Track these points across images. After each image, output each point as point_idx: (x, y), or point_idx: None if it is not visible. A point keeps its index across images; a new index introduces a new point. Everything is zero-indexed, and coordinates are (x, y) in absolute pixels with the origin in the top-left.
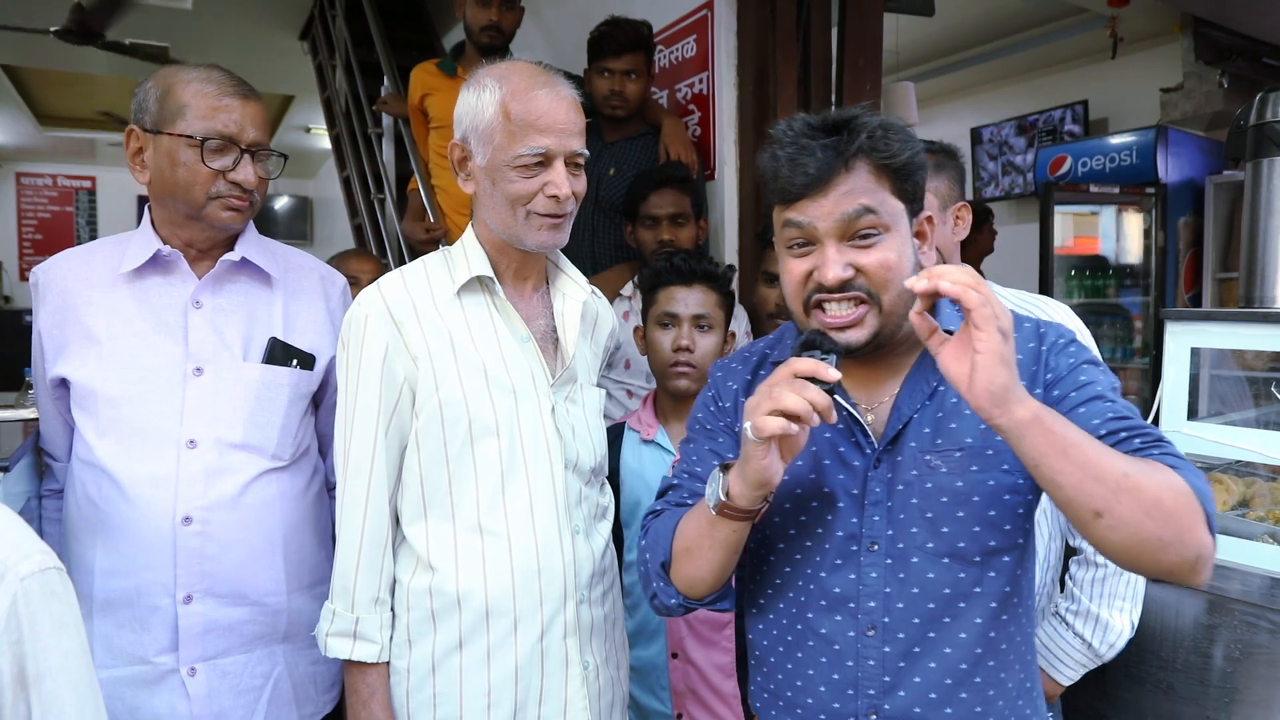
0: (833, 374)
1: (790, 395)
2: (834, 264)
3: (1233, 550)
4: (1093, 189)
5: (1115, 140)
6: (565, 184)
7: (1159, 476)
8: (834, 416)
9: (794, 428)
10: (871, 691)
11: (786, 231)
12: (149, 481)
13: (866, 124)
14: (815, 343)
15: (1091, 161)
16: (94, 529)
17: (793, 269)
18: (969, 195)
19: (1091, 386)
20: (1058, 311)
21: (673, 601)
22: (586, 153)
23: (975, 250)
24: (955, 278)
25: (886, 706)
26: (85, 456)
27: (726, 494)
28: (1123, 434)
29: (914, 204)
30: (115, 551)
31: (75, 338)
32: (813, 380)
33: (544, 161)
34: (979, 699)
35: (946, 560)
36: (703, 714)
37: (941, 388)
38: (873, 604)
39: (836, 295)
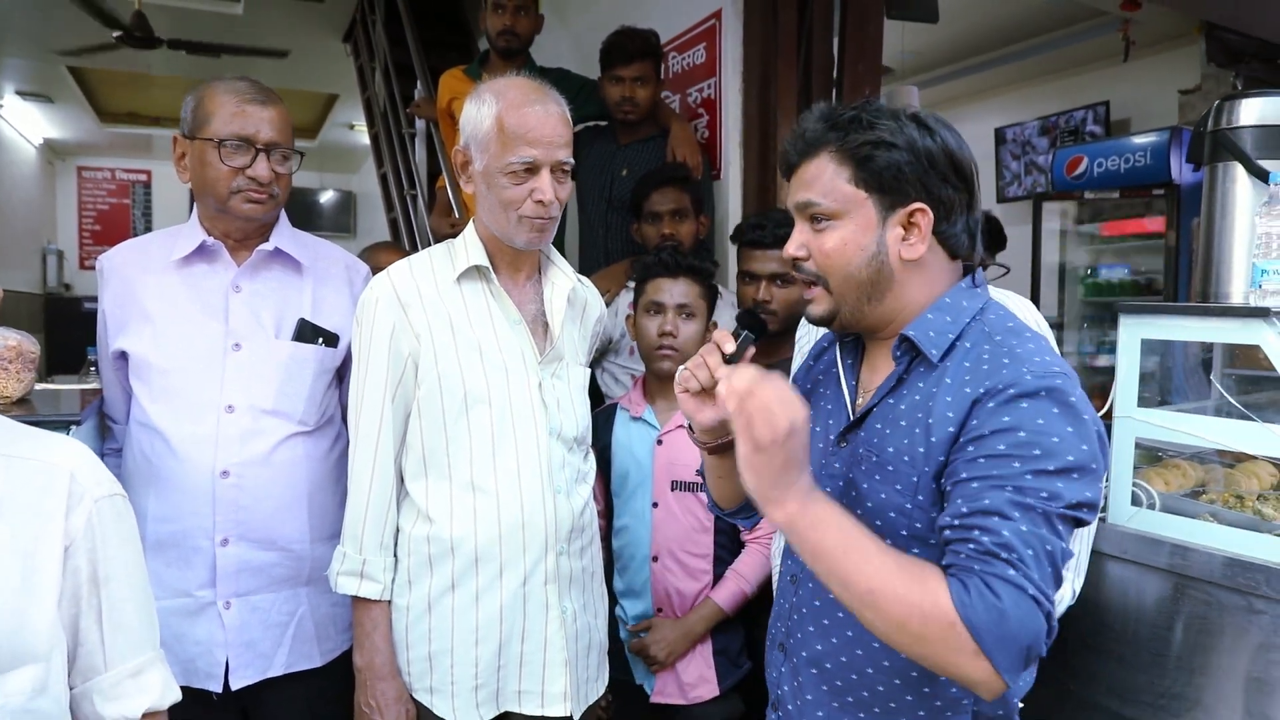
0: (728, 346)
1: (695, 357)
2: (791, 243)
3: (1186, 530)
4: (1087, 195)
5: (1131, 141)
6: (550, 190)
7: (916, 599)
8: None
9: (693, 383)
10: (783, 628)
11: None
12: (193, 440)
13: (839, 116)
14: (741, 319)
15: (1107, 162)
16: (147, 481)
17: None
18: (992, 195)
19: (991, 465)
20: (1019, 307)
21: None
22: (572, 161)
23: None
24: (731, 384)
25: (790, 643)
26: (140, 419)
27: (689, 427)
28: (960, 537)
29: (886, 194)
30: (164, 500)
31: (133, 317)
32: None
33: (532, 169)
34: (874, 658)
35: None
36: (681, 663)
37: (905, 391)
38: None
39: (796, 272)
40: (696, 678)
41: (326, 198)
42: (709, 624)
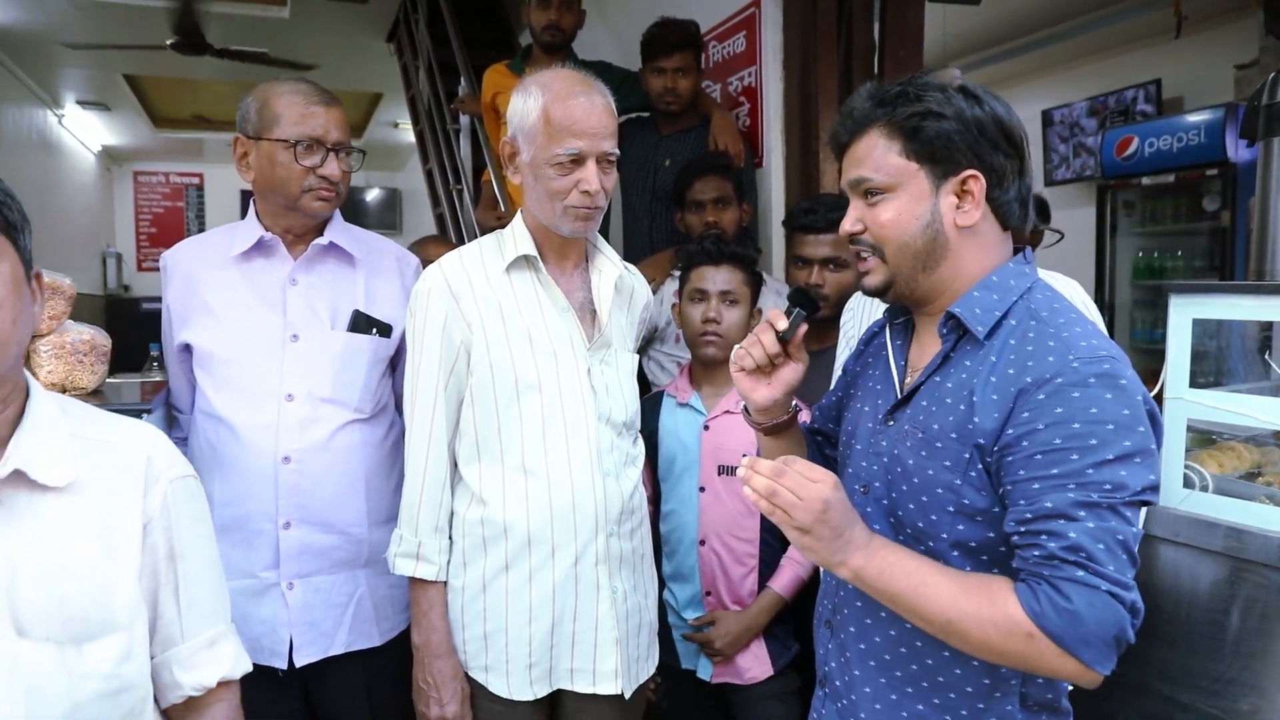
0: (780, 323)
1: (749, 337)
2: (846, 220)
3: (1242, 513)
4: (1144, 181)
5: (1184, 119)
6: (595, 181)
7: (990, 617)
8: (794, 356)
9: (748, 361)
10: (830, 606)
11: None
12: (256, 428)
13: (886, 92)
14: (793, 297)
15: (1159, 142)
16: (212, 467)
17: None
18: (1040, 178)
19: (1049, 462)
20: (1067, 288)
21: None
22: (617, 152)
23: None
24: (754, 485)
25: (836, 620)
26: (205, 408)
27: (745, 408)
28: (1027, 542)
29: (937, 164)
30: (229, 485)
31: (196, 311)
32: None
33: (578, 160)
34: (920, 634)
35: (892, 520)
36: None
37: (952, 369)
38: None
39: (852, 246)
40: (751, 660)
41: (372, 195)
42: (771, 614)
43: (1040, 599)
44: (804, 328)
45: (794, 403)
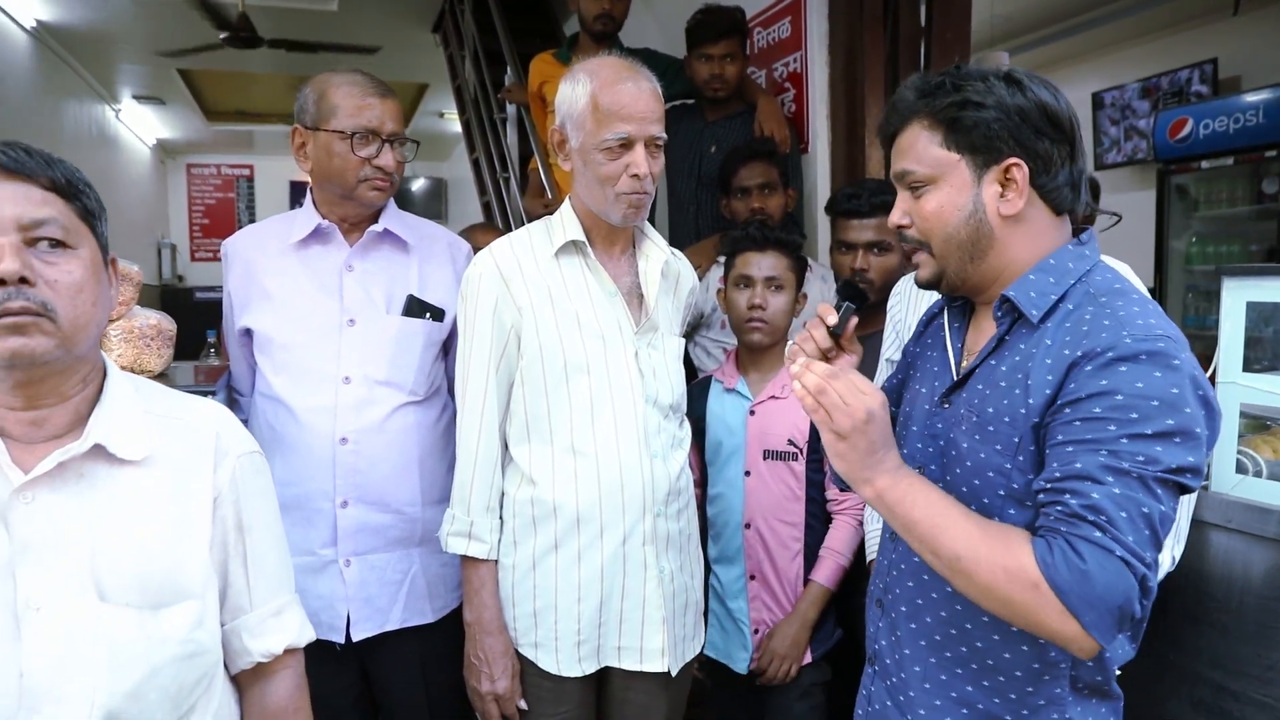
0: (830, 318)
1: (801, 332)
2: (894, 212)
3: None
4: (1204, 165)
5: (1241, 99)
6: (644, 164)
7: (1000, 561)
8: (848, 349)
9: (800, 356)
10: (881, 585)
11: None
12: (314, 410)
13: (928, 83)
14: (842, 290)
15: (1214, 123)
16: (272, 448)
17: None
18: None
19: (1086, 428)
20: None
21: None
22: (665, 136)
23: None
24: (805, 381)
25: (888, 599)
26: (265, 391)
27: None
28: (1050, 500)
29: (978, 153)
30: (289, 465)
31: (256, 296)
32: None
33: (627, 145)
34: (972, 614)
35: None
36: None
37: (1006, 353)
38: None
39: (902, 243)
40: None
41: (418, 185)
42: (820, 606)
43: (1054, 552)
44: (854, 320)
45: None
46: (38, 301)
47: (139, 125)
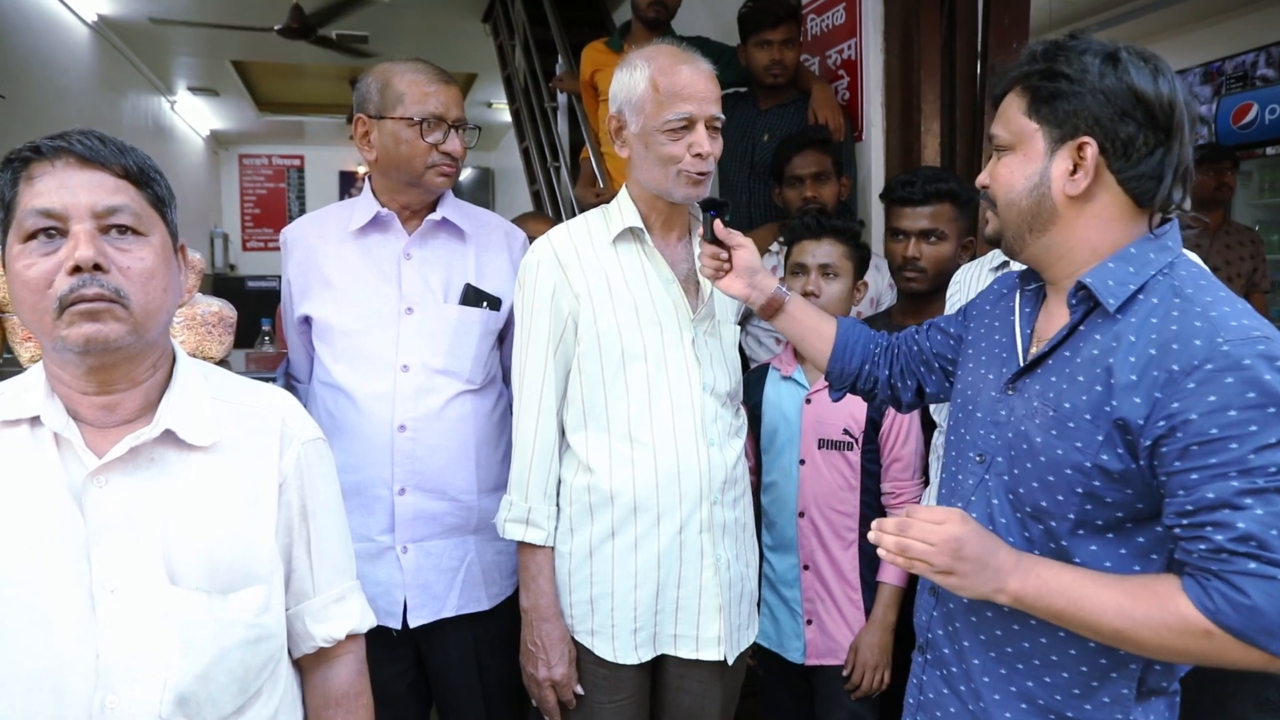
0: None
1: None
2: (983, 173)
3: None
4: (1269, 151)
5: None
6: (707, 143)
7: (1162, 621)
8: (735, 241)
9: (707, 272)
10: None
11: None
12: (373, 397)
13: (1034, 49)
14: (702, 204)
15: None
16: (331, 435)
17: None
18: None
19: (1206, 452)
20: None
21: (831, 380)
22: (723, 117)
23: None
24: (886, 545)
25: (942, 589)
26: (324, 378)
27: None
28: (1191, 535)
29: (1055, 127)
30: (348, 452)
31: (316, 284)
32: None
33: (688, 125)
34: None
35: (1011, 497)
36: (830, 620)
37: (1081, 344)
38: (960, 504)
39: (982, 199)
40: (846, 636)
41: (466, 175)
42: (895, 606)
43: (1214, 596)
44: (719, 221)
45: (778, 286)
46: (111, 288)
47: (193, 116)
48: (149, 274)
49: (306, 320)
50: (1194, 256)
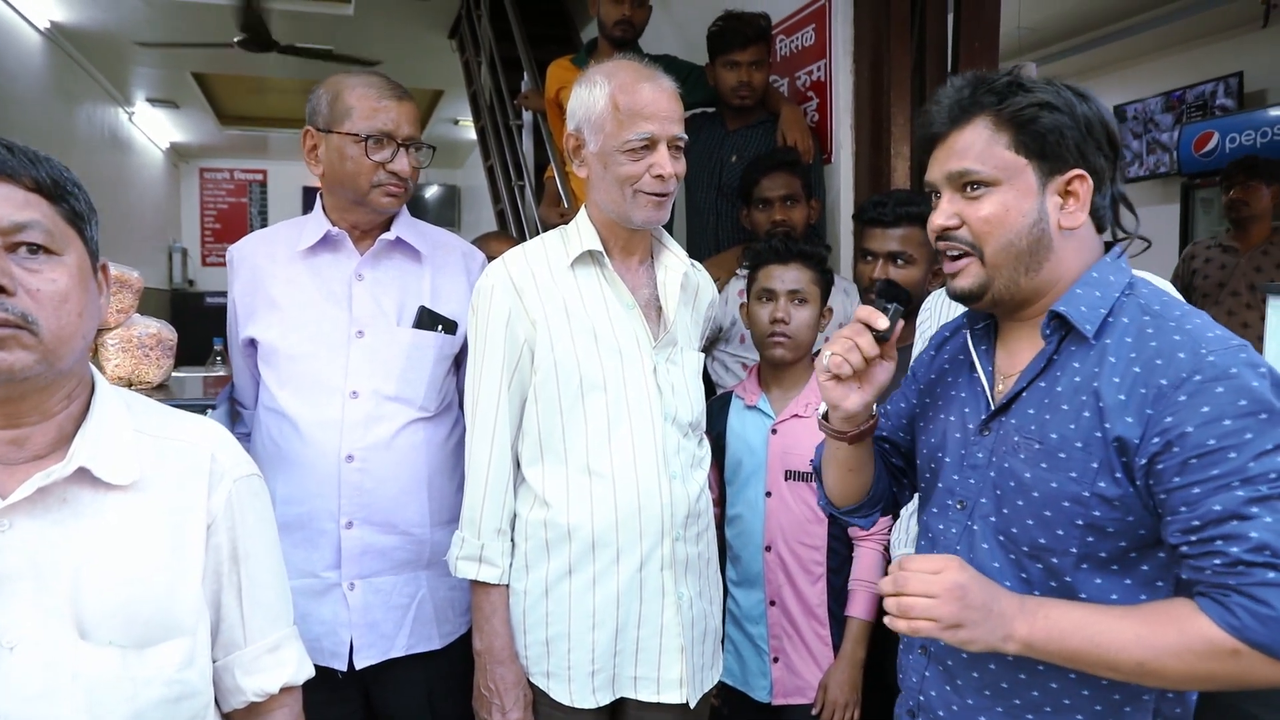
0: (880, 323)
1: (841, 339)
2: (939, 213)
3: None
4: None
5: (1268, 113)
6: (668, 164)
7: (1184, 646)
8: (888, 355)
9: (846, 368)
10: None
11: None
12: (320, 425)
13: (995, 81)
14: (881, 291)
15: (1241, 137)
16: (275, 464)
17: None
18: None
19: (1206, 464)
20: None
21: (822, 503)
22: (685, 137)
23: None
24: (889, 608)
25: (934, 647)
26: (269, 404)
27: (824, 415)
28: (1200, 552)
29: (1046, 160)
30: (292, 482)
31: (262, 305)
32: (870, 327)
33: (649, 145)
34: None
35: (1001, 539)
36: (797, 657)
37: (1059, 373)
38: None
39: (942, 244)
40: (815, 675)
41: (431, 192)
42: (864, 641)
43: (1236, 612)
44: (901, 324)
45: (874, 406)
46: (17, 313)
47: (152, 129)
48: (61, 297)
49: (252, 343)
50: (1152, 277)
